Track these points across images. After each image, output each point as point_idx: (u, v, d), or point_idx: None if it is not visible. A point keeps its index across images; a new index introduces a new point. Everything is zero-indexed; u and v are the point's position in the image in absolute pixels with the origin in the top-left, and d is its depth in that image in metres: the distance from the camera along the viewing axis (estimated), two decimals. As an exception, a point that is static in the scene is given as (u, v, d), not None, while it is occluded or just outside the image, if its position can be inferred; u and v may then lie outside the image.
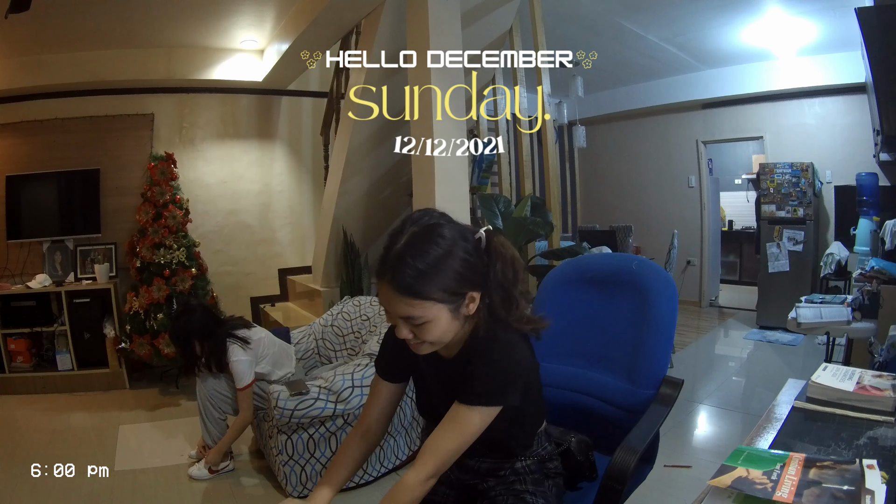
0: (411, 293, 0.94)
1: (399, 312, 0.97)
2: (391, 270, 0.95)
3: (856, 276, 3.17)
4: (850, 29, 3.53)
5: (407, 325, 0.98)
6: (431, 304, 0.96)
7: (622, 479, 1.09)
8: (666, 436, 1.32)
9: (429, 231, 0.98)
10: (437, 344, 1.03)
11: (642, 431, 1.21)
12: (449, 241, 0.98)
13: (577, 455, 1.21)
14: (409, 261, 0.94)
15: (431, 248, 0.96)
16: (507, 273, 1.02)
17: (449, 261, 0.96)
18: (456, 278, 0.97)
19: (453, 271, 0.97)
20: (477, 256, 1.01)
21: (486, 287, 1.02)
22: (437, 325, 0.98)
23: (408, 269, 0.94)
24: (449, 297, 0.97)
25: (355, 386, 2.30)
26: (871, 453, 0.87)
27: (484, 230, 1.04)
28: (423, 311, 0.96)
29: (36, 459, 2.70)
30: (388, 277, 0.95)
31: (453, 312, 0.99)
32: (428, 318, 0.96)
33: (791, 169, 4.95)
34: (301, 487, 2.29)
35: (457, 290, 0.98)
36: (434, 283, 0.95)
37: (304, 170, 5.13)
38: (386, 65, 3.23)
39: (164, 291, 3.67)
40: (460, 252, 0.98)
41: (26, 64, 3.93)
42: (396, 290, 0.95)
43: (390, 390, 1.19)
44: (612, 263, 1.56)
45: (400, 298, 0.95)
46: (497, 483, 1.13)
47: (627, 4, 3.85)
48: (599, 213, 6.87)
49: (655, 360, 1.34)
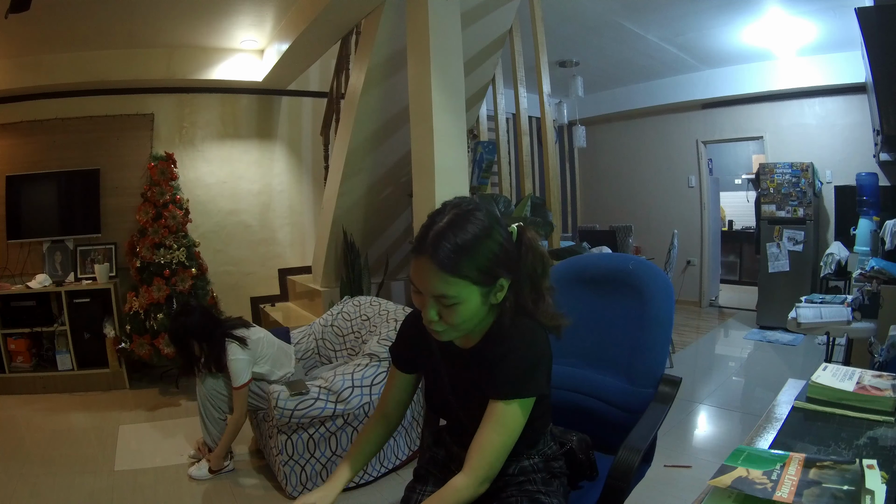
0: (449, 269, 0.95)
1: (434, 290, 0.97)
2: (432, 246, 0.96)
3: (856, 276, 3.17)
4: (850, 29, 3.53)
5: (437, 304, 0.98)
6: (466, 283, 0.96)
7: (627, 477, 1.11)
8: (666, 436, 1.33)
9: (469, 213, 1.00)
10: (462, 330, 1.03)
11: (644, 430, 1.22)
12: (487, 224, 1.00)
13: (579, 454, 1.22)
14: (451, 237, 0.96)
15: (471, 227, 0.98)
16: (537, 266, 1.05)
17: (487, 242, 0.98)
18: (492, 260, 0.98)
19: (491, 252, 0.98)
20: (511, 246, 1.03)
21: (517, 277, 1.04)
22: (467, 308, 0.98)
23: (449, 245, 0.95)
24: (483, 278, 0.98)
25: (355, 386, 2.30)
26: (871, 453, 0.87)
27: (517, 225, 1.07)
28: (458, 290, 0.96)
29: (36, 459, 2.71)
30: (428, 253, 0.96)
31: (483, 297, 1.00)
32: (461, 299, 0.97)
33: (791, 169, 4.96)
34: (301, 487, 2.29)
35: (491, 273, 0.99)
36: (472, 261, 0.96)
37: (304, 170, 5.13)
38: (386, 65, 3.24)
39: (164, 291, 3.67)
40: (497, 235, 1.00)
41: (26, 64, 3.93)
42: (436, 265, 0.95)
43: (405, 380, 1.21)
44: (609, 264, 1.57)
45: (437, 274, 0.95)
46: (506, 483, 1.13)
47: (627, 4, 3.85)
48: (599, 213, 6.87)
49: (653, 360, 1.35)
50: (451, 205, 1.03)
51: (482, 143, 4.04)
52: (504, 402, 1.01)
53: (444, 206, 1.03)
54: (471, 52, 3.52)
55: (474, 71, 3.80)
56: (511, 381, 1.01)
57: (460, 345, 1.12)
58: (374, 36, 3.12)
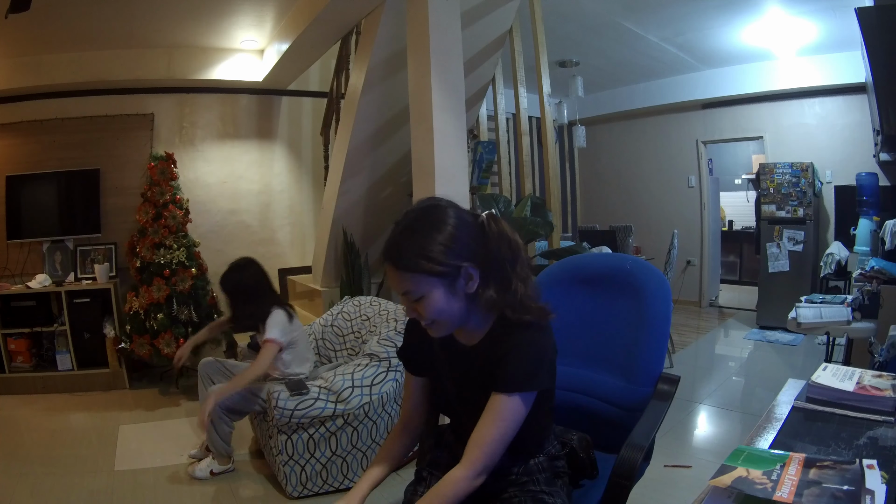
0: (402, 267, 1.01)
1: (397, 288, 1.03)
2: (387, 251, 1.03)
3: (856, 276, 3.17)
4: (850, 29, 3.53)
5: (407, 301, 1.04)
6: (422, 276, 1.00)
7: (630, 475, 1.12)
8: (666, 436, 1.34)
9: (422, 211, 1.06)
10: (444, 324, 1.06)
11: (645, 428, 1.23)
12: (438, 218, 1.03)
13: (580, 452, 1.22)
14: (399, 239, 1.03)
15: (420, 224, 1.03)
16: (504, 254, 1.05)
17: (434, 234, 1.01)
18: (443, 251, 1.00)
19: (439, 244, 1.01)
20: (473, 234, 1.05)
21: (487, 265, 1.05)
22: (433, 301, 1.02)
23: (397, 245, 1.02)
24: (440, 269, 1.00)
25: (355, 386, 2.30)
26: (871, 453, 0.87)
27: (485, 213, 1.09)
28: (416, 284, 1.01)
29: (36, 459, 2.71)
30: (387, 258, 1.03)
31: (449, 288, 1.02)
32: (422, 293, 1.01)
33: (791, 169, 4.95)
34: (301, 487, 2.29)
35: (447, 263, 1.01)
36: (421, 255, 1.00)
37: (304, 170, 5.13)
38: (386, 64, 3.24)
39: (164, 291, 3.67)
40: (449, 227, 1.02)
41: (26, 64, 3.93)
42: (393, 266, 1.02)
43: (419, 383, 1.24)
44: (607, 263, 1.58)
45: (396, 274, 1.02)
46: (510, 483, 1.13)
47: (628, 4, 3.85)
48: (599, 213, 6.87)
49: (651, 358, 1.36)
50: (409, 210, 1.08)
51: (482, 143, 4.04)
52: (506, 395, 1.02)
53: (407, 212, 1.07)
54: (471, 52, 3.52)
55: (474, 71, 3.80)
56: (514, 376, 1.03)
57: (464, 342, 1.14)
58: (374, 36, 3.12)
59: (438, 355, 1.18)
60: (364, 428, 2.34)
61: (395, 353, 2.41)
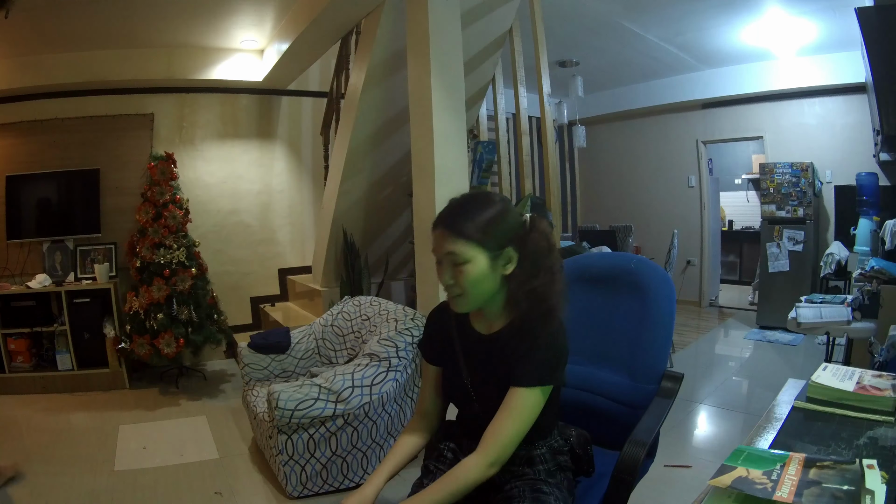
0: (455, 231, 1.10)
1: (445, 249, 1.10)
2: (443, 217, 1.13)
3: (856, 276, 3.17)
4: (850, 29, 3.53)
5: (449, 264, 1.11)
6: (471, 244, 1.09)
7: (633, 471, 1.14)
8: (666, 435, 1.34)
9: (479, 193, 1.19)
10: (473, 297, 1.12)
11: (648, 425, 1.25)
12: (494, 201, 1.15)
13: (577, 449, 1.24)
14: (458, 208, 1.14)
15: (478, 200, 1.14)
16: (541, 248, 1.14)
17: (489, 211, 1.12)
18: (495, 225, 1.11)
19: (493, 219, 1.11)
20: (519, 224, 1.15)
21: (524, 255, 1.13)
22: (474, 269, 1.09)
23: (456, 213, 1.13)
24: (487, 242, 1.09)
25: (355, 386, 2.30)
26: (871, 453, 0.87)
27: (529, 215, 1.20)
28: (464, 249, 1.09)
29: (36, 459, 2.71)
30: (446, 223, 1.12)
31: (491, 263, 1.10)
32: (468, 258, 1.09)
33: (791, 169, 4.95)
34: (301, 487, 2.29)
35: (495, 239, 1.10)
36: (473, 223, 1.10)
37: (304, 170, 5.13)
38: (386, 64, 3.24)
39: (164, 291, 3.66)
40: (500, 209, 1.13)
41: (26, 64, 3.93)
42: (446, 230, 1.11)
43: (437, 372, 1.29)
44: (611, 263, 1.59)
45: (446, 236, 1.10)
46: (512, 475, 1.15)
47: (628, 4, 3.85)
48: (599, 213, 6.87)
49: (655, 356, 1.38)
50: (464, 192, 1.20)
51: (482, 143, 4.04)
52: (526, 388, 1.07)
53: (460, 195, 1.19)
54: (471, 52, 3.52)
55: (474, 71, 3.80)
56: (535, 371, 1.08)
57: (482, 331, 1.19)
58: (374, 36, 3.12)
59: (455, 344, 1.22)
60: (364, 428, 2.34)
61: (395, 354, 2.41)
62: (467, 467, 1.06)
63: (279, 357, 2.92)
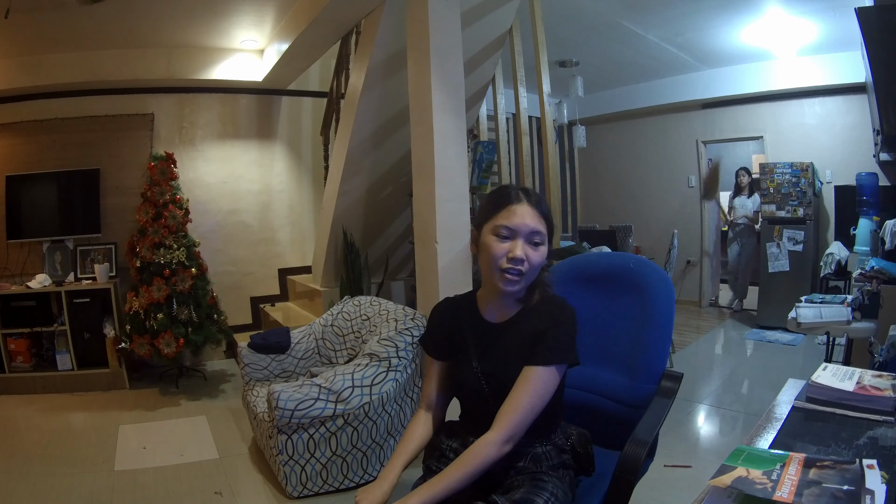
0: (543, 212, 1.20)
1: (532, 226, 1.17)
2: (527, 194, 1.20)
3: (856, 276, 3.16)
4: (850, 29, 3.52)
5: (528, 241, 1.17)
6: (547, 227, 1.20)
7: (634, 470, 1.14)
8: (666, 435, 1.35)
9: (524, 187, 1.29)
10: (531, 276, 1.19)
11: (649, 424, 1.25)
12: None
13: (578, 448, 1.24)
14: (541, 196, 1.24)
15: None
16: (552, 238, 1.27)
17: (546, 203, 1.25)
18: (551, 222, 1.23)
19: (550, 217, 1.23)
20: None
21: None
22: (544, 251, 1.19)
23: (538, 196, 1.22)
24: (551, 230, 1.22)
25: (355, 386, 2.30)
26: (871, 453, 0.87)
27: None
28: (545, 230, 1.19)
29: (36, 459, 2.71)
30: (532, 201, 1.20)
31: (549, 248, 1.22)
32: (545, 240, 1.19)
33: (791, 169, 4.96)
34: (301, 487, 2.29)
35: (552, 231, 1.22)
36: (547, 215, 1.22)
37: (304, 170, 5.13)
38: (386, 65, 3.23)
39: (164, 291, 3.66)
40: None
41: (26, 64, 3.93)
42: (535, 207, 1.19)
43: (441, 367, 1.31)
44: (611, 262, 1.59)
45: (536, 215, 1.18)
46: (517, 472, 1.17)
47: (627, 4, 3.85)
48: (599, 213, 6.87)
49: (655, 356, 1.38)
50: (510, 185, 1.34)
51: (482, 143, 4.03)
52: (543, 367, 1.11)
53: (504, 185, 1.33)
54: (471, 52, 3.52)
55: (474, 71, 3.80)
56: (554, 349, 1.13)
57: (493, 319, 1.24)
58: (374, 36, 3.12)
59: (466, 336, 1.25)
60: (364, 428, 2.34)
61: (395, 354, 2.41)
62: (483, 443, 1.08)
63: (279, 357, 2.92)
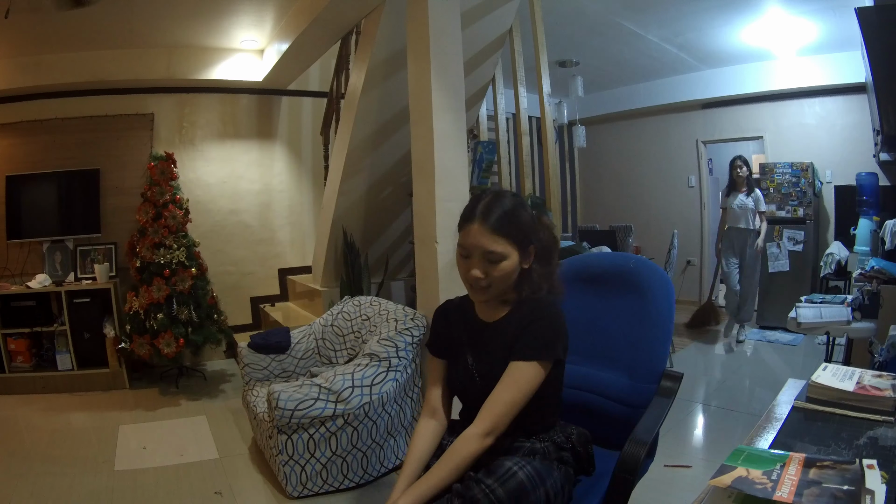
0: (496, 229, 1.16)
1: (485, 247, 1.16)
2: (482, 214, 1.17)
3: (856, 276, 3.16)
4: (850, 29, 3.53)
5: (484, 261, 1.16)
6: (509, 244, 1.17)
7: (633, 470, 1.15)
8: (666, 436, 1.35)
9: (504, 192, 1.26)
10: (498, 289, 1.19)
11: (648, 424, 1.25)
12: (520, 200, 1.24)
13: (578, 447, 1.24)
14: (496, 208, 1.18)
15: (509, 201, 1.21)
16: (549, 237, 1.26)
17: (521, 212, 1.21)
18: (525, 228, 1.20)
19: (524, 221, 1.20)
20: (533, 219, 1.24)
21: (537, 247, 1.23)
22: (508, 265, 1.17)
23: (496, 213, 1.18)
24: (520, 241, 1.19)
25: (355, 386, 2.30)
26: (871, 453, 0.87)
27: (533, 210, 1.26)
28: (504, 248, 1.17)
29: (36, 459, 2.71)
30: (480, 219, 1.17)
31: (520, 258, 1.20)
32: (504, 255, 1.16)
33: (791, 169, 4.96)
34: (301, 487, 2.29)
35: (526, 238, 1.20)
36: (513, 222, 1.18)
37: (304, 170, 5.13)
38: (386, 64, 3.23)
39: (164, 291, 3.66)
40: (528, 208, 1.23)
41: (26, 64, 3.93)
42: (487, 228, 1.16)
43: (444, 366, 1.33)
44: (611, 262, 1.59)
45: (488, 235, 1.16)
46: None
47: (628, 4, 3.84)
48: (599, 213, 6.87)
49: (655, 356, 1.38)
50: (488, 191, 1.25)
51: (482, 143, 4.04)
52: (523, 361, 1.13)
53: (482, 192, 1.25)
54: (471, 52, 3.52)
55: (474, 71, 3.80)
56: (532, 345, 1.14)
57: (486, 319, 1.27)
58: (374, 36, 3.12)
59: (461, 335, 1.27)
60: (364, 428, 2.34)
61: (395, 354, 2.41)
62: (462, 440, 1.10)
63: (279, 357, 2.92)
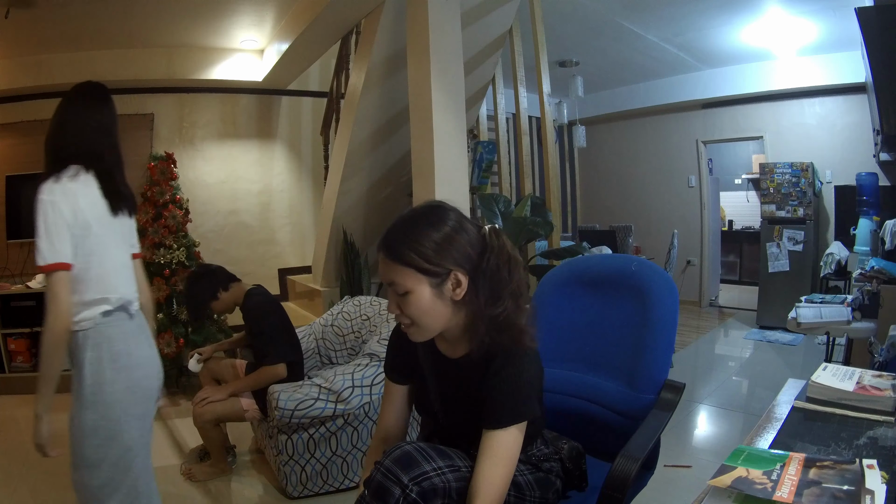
0: (393, 257, 0.99)
1: (386, 278, 1.01)
2: (383, 240, 1.02)
3: (856, 276, 3.16)
4: (850, 29, 3.53)
5: (394, 295, 1.01)
6: (410, 271, 0.98)
7: (623, 487, 1.06)
8: (666, 436, 1.32)
9: (424, 209, 1.05)
10: (424, 327, 1.02)
11: (643, 438, 1.17)
12: (438, 218, 1.02)
13: (567, 462, 1.18)
14: (395, 231, 1.02)
15: (419, 220, 1.02)
16: (501, 269, 1.02)
17: (430, 231, 1.00)
18: (434, 249, 0.98)
19: (432, 241, 0.99)
20: (472, 242, 1.02)
21: (479, 276, 1.01)
22: (419, 299, 0.99)
23: (396, 236, 1.01)
24: (427, 266, 0.98)
25: (355, 386, 2.30)
26: (871, 453, 0.87)
27: (488, 226, 1.07)
28: (405, 278, 0.99)
29: (36, 459, 2.70)
30: (390, 252, 1.01)
31: (435, 289, 0.99)
32: (409, 288, 0.99)
33: (791, 169, 4.95)
34: (301, 487, 2.29)
35: (436, 262, 0.98)
36: (411, 248, 0.98)
37: (304, 170, 5.13)
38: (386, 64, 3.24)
39: (164, 291, 3.66)
40: (447, 229, 1.01)
41: (26, 64, 3.93)
42: (385, 255, 1.01)
43: (400, 392, 1.20)
44: (612, 265, 1.53)
45: (386, 263, 1.00)
46: None
47: (627, 4, 3.85)
48: (599, 213, 6.87)
49: (656, 364, 1.31)
50: (413, 207, 1.08)
51: (482, 143, 4.04)
52: (500, 430, 0.99)
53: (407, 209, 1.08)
54: (471, 52, 3.52)
55: (474, 71, 3.80)
56: (505, 410, 1.00)
57: (447, 354, 1.11)
58: (374, 36, 3.12)
59: (424, 362, 1.16)
60: (364, 428, 2.34)
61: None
62: None
63: (279, 357, 2.92)
